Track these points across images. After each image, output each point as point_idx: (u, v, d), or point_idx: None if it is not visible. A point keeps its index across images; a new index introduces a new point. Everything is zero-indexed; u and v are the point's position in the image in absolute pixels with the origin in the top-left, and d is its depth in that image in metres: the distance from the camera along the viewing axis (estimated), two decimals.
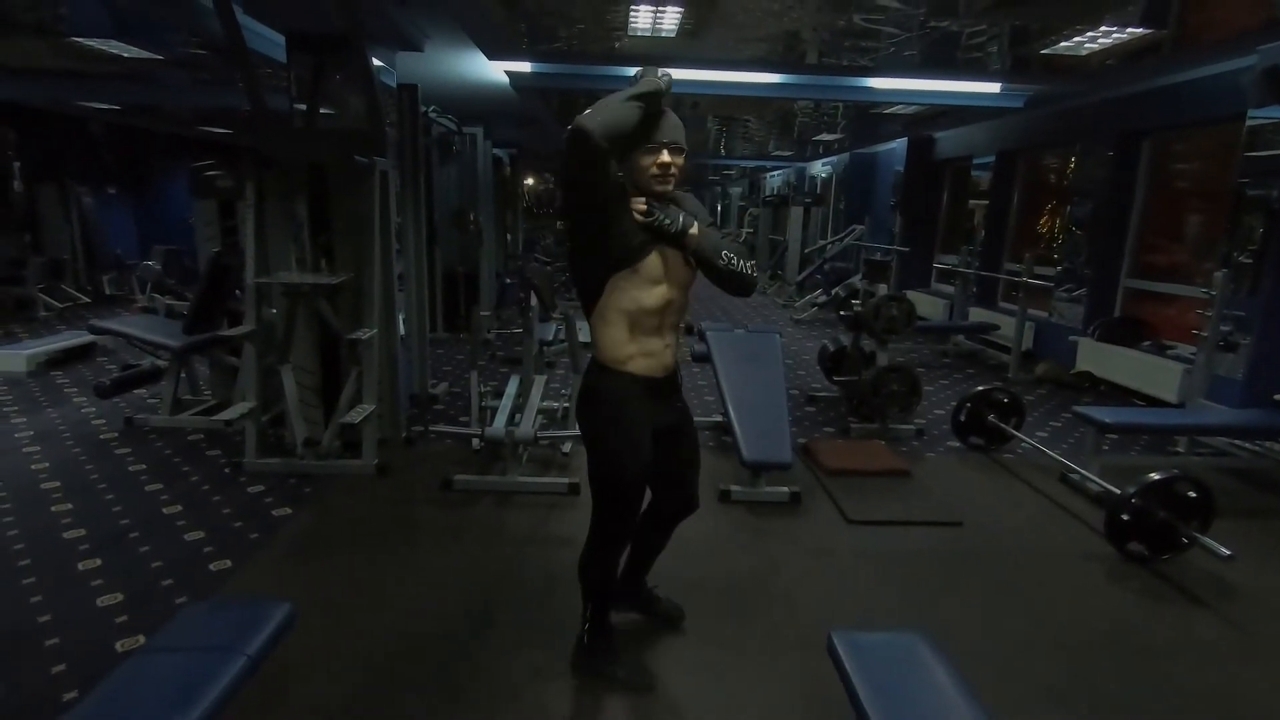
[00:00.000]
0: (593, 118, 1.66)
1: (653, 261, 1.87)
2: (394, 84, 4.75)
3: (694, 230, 1.87)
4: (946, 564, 3.04)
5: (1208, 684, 2.30)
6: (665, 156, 1.83)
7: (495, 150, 9.74)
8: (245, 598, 2.40)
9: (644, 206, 1.85)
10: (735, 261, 1.91)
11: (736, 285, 1.95)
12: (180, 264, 8.81)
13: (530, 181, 16.00)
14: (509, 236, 11.52)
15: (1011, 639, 2.52)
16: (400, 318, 4.45)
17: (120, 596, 2.60)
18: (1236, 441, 4.27)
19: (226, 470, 3.80)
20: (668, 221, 1.84)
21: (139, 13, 4.40)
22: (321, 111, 4.03)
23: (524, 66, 5.70)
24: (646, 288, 1.88)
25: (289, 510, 3.35)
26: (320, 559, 2.95)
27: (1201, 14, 4.12)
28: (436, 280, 7.14)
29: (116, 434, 4.32)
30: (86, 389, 5.08)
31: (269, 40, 4.25)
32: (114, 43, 5.03)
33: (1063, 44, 4.63)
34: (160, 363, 4.77)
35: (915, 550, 3.14)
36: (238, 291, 4.63)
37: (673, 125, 1.85)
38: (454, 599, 2.65)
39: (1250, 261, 4.62)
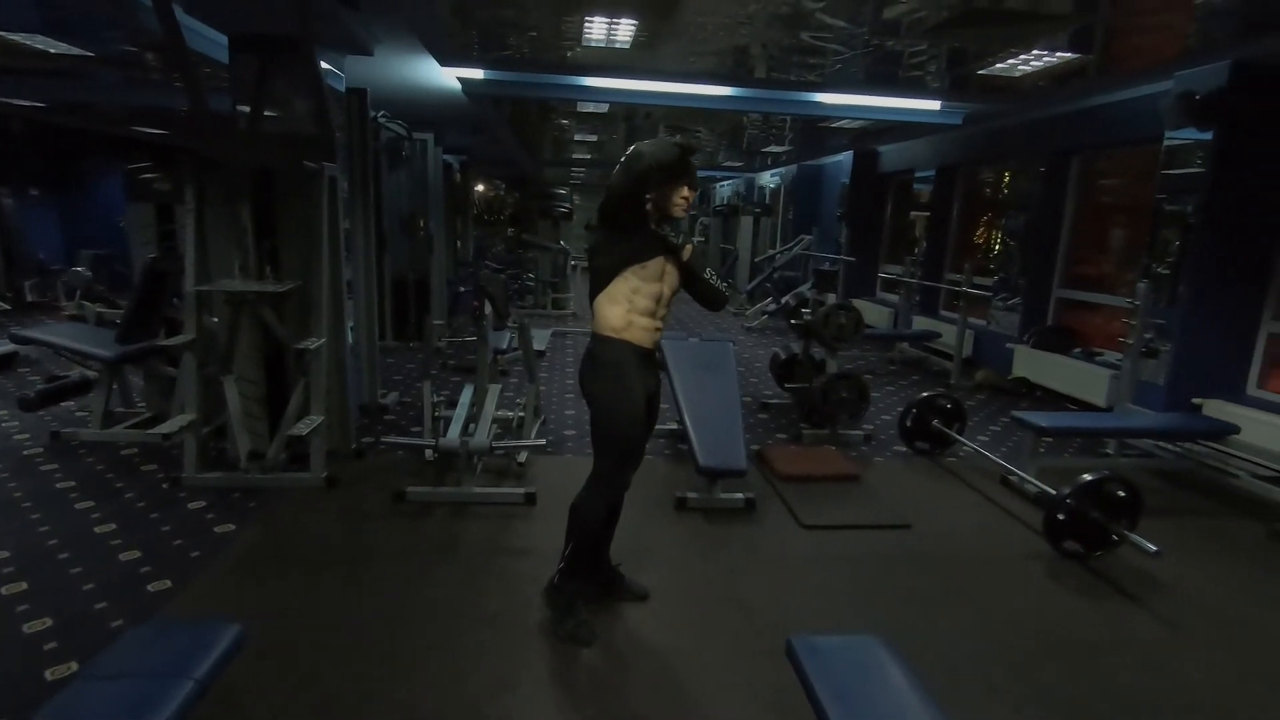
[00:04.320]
0: (647, 147, 2.23)
1: (657, 262, 2.40)
2: (343, 88, 4.65)
3: (689, 247, 2.46)
4: (897, 566, 3.13)
5: (1141, 678, 2.43)
6: (687, 192, 2.41)
7: (445, 156, 9.61)
8: (191, 620, 2.30)
9: (658, 219, 2.42)
10: (714, 278, 2.51)
11: (712, 297, 2.52)
12: (110, 269, 8.40)
13: (480, 188, 15.82)
14: (459, 243, 11.38)
15: (960, 639, 2.61)
16: (348, 326, 4.35)
17: (49, 622, 2.46)
18: (1160, 443, 4.53)
19: (164, 486, 3.64)
20: (672, 235, 2.42)
21: (70, 8, 4.20)
22: (266, 114, 3.91)
23: (476, 73, 5.66)
24: (648, 282, 2.40)
25: (232, 526, 3.23)
26: (268, 576, 2.85)
27: (1123, 41, 4.38)
28: (386, 288, 7.00)
29: (42, 449, 4.08)
30: (9, 402, 4.79)
31: (210, 40, 4.11)
32: (39, 38, 4.78)
33: (998, 65, 4.86)
34: (90, 374, 4.54)
35: (867, 553, 3.23)
36: (175, 299, 4.45)
37: (694, 172, 2.42)
38: (410, 614, 2.60)
39: (1167, 273, 4.92)
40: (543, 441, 4.01)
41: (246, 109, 3.85)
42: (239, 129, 3.83)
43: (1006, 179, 7.60)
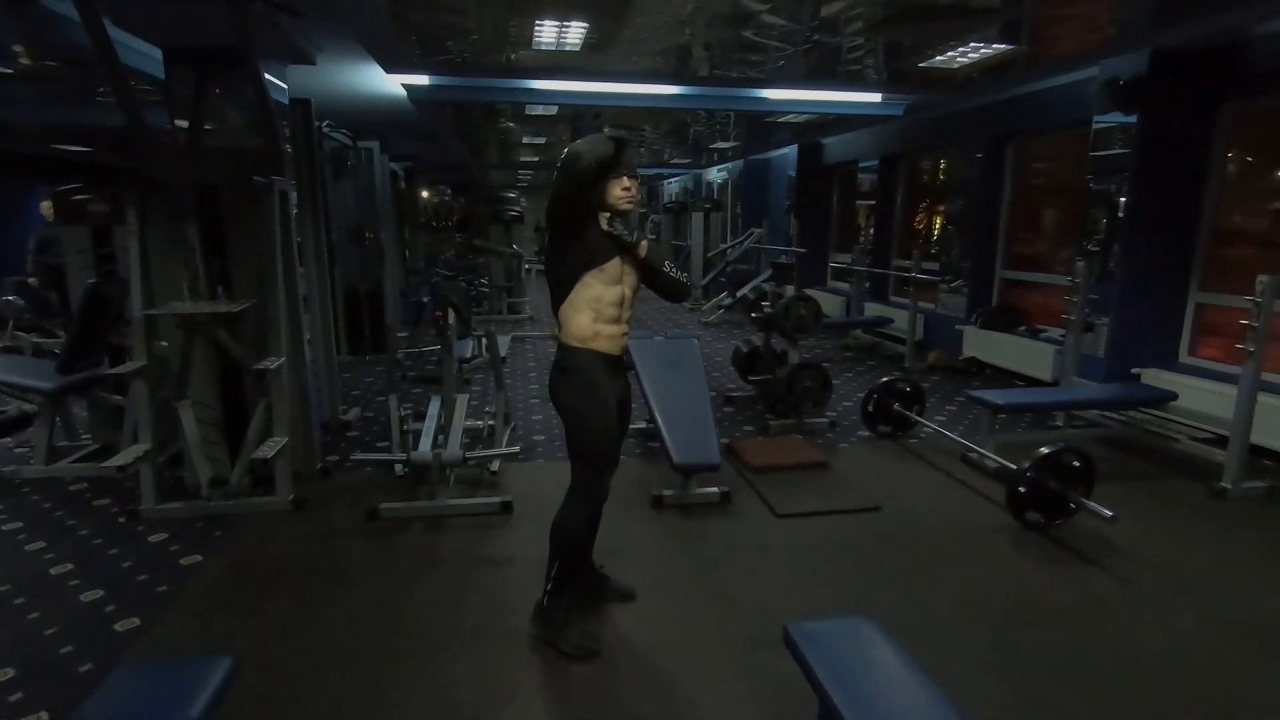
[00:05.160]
0: (583, 145, 2.16)
1: (614, 264, 2.35)
2: (285, 99, 4.53)
3: (645, 242, 2.41)
4: (871, 548, 3.22)
5: (1107, 637, 2.56)
6: (627, 182, 2.34)
7: (391, 164, 9.42)
8: (179, 657, 2.22)
9: (609, 219, 2.35)
10: (675, 270, 2.48)
11: (674, 289, 2.49)
12: (37, 296, 7.96)
13: (426, 195, 15.55)
14: (407, 252, 11.17)
15: (938, 612, 2.71)
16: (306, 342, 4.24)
17: (11, 672, 2.34)
18: (1106, 412, 4.76)
19: (121, 520, 3.49)
20: (625, 233, 2.36)
21: None
22: (209, 129, 3.78)
23: (422, 80, 5.58)
24: (609, 285, 2.35)
25: (199, 557, 3.12)
26: (242, 605, 2.77)
27: (1049, 32, 4.58)
28: (338, 301, 6.84)
29: None
30: None
31: (139, 53, 3.95)
32: None
33: (936, 58, 5.02)
34: (29, 408, 4.32)
35: (842, 537, 3.31)
36: (121, 325, 4.27)
37: (632, 161, 2.35)
38: (394, 632, 2.56)
39: (1098, 250, 5.17)
40: (516, 449, 3.99)
41: (185, 124, 3.72)
42: (180, 145, 3.70)
43: (944, 166, 7.85)
